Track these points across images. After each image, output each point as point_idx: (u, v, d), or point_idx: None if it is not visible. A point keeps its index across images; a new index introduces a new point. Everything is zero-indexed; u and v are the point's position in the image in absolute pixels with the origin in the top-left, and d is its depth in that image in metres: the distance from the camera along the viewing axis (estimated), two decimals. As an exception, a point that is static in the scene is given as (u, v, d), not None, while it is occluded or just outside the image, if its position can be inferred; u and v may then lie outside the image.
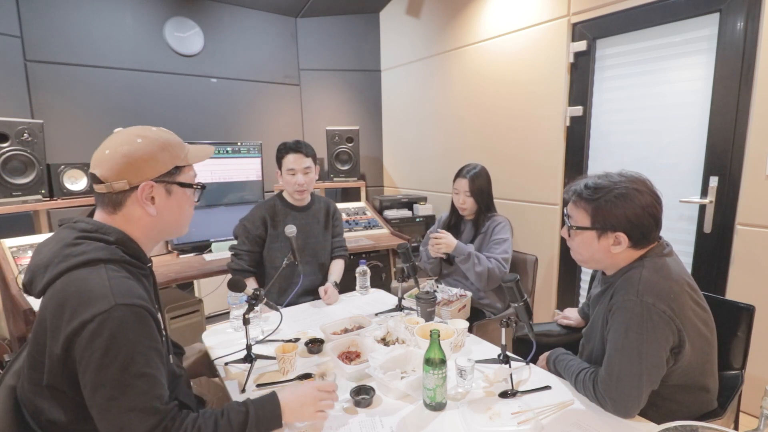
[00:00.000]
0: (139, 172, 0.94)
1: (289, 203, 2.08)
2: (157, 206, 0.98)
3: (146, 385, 0.83)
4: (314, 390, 1.04)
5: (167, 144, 0.99)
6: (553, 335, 1.65)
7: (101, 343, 0.80)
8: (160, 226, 1.01)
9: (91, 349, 0.80)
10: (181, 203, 1.03)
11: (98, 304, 0.81)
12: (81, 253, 0.87)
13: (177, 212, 1.03)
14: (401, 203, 3.44)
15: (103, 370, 0.80)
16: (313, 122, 3.90)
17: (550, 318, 2.72)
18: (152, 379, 0.84)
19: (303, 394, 1.03)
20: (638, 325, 1.04)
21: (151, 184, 0.95)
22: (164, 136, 1.01)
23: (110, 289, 0.83)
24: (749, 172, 1.86)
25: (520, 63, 2.68)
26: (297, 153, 1.99)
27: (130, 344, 0.82)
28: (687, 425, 0.86)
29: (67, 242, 0.89)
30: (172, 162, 0.99)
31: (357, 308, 1.84)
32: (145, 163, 0.95)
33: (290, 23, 3.75)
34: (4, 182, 2.19)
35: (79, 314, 0.81)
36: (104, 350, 0.80)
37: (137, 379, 0.82)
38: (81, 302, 0.82)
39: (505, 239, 2.05)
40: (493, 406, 1.12)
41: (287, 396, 1.01)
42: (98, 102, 2.96)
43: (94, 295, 0.82)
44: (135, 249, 0.97)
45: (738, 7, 1.84)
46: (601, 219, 1.13)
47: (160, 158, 0.97)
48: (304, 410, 1.01)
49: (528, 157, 2.72)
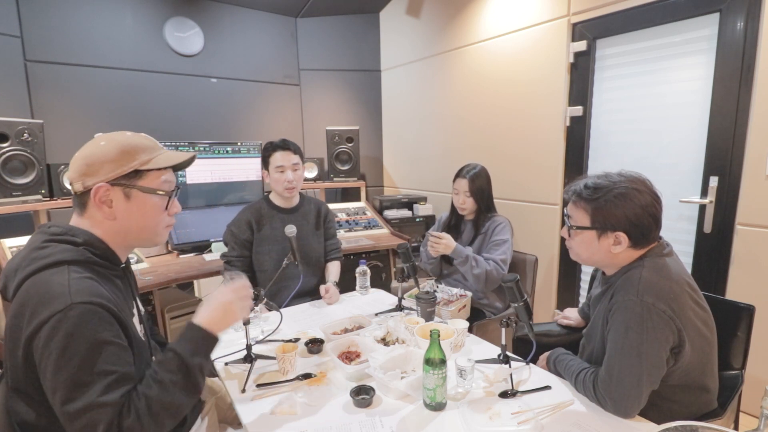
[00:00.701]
0: (94, 175, 0.93)
1: (276, 205, 2.06)
2: (116, 210, 0.96)
3: (105, 381, 0.82)
4: (229, 292, 1.02)
5: (130, 147, 0.96)
6: (553, 335, 1.65)
7: (58, 343, 0.80)
8: (123, 232, 0.99)
9: (48, 350, 0.80)
10: (145, 209, 0.99)
11: (55, 303, 0.81)
12: (46, 256, 0.87)
13: (140, 218, 0.99)
14: (401, 203, 3.44)
15: (61, 370, 0.80)
16: (313, 122, 3.90)
17: (550, 318, 2.72)
18: (111, 376, 0.83)
19: (220, 304, 1.00)
20: (638, 325, 1.04)
21: (106, 186, 0.93)
22: (132, 140, 0.98)
23: (68, 288, 0.83)
24: (749, 172, 1.86)
25: (520, 63, 2.68)
26: (285, 150, 1.97)
27: (86, 342, 0.81)
28: (687, 425, 0.86)
29: (35, 246, 0.90)
30: (130, 165, 0.95)
31: (357, 308, 1.83)
32: (100, 166, 0.93)
33: (290, 23, 3.75)
34: (4, 182, 2.19)
35: (37, 315, 0.81)
36: (61, 350, 0.80)
37: (96, 377, 0.81)
38: (39, 303, 0.82)
39: (504, 240, 2.05)
40: (493, 406, 1.12)
41: (205, 315, 0.98)
42: (98, 102, 2.96)
43: (51, 296, 0.82)
44: (104, 250, 0.96)
45: (738, 7, 1.84)
46: (601, 219, 1.13)
47: (117, 161, 0.94)
48: (229, 315, 1.00)
49: (528, 157, 2.72)
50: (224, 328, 1.00)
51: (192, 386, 0.91)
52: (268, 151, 2.00)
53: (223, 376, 1.31)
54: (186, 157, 1.05)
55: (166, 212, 1.03)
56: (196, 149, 2.85)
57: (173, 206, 1.05)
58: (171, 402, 0.87)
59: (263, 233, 2.00)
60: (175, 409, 0.88)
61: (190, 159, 1.06)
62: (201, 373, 0.93)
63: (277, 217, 2.03)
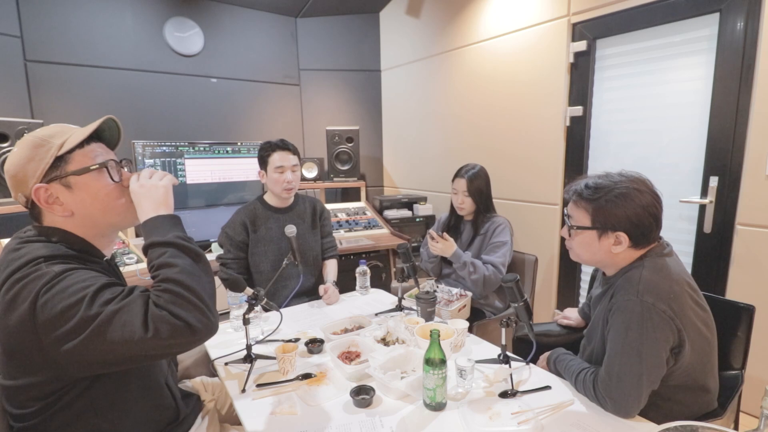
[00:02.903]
0: (24, 182, 0.90)
1: (271, 205, 2.05)
2: (68, 205, 0.92)
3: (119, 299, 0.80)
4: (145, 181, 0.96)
5: (39, 140, 0.91)
6: (553, 335, 1.65)
7: (58, 303, 0.78)
8: (90, 222, 0.95)
9: (51, 320, 0.78)
10: (93, 191, 0.93)
11: (37, 283, 0.80)
12: (22, 256, 0.86)
13: (94, 201, 0.93)
14: (401, 203, 3.44)
15: (77, 316, 0.77)
16: (313, 122, 3.90)
17: (550, 318, 2.72)
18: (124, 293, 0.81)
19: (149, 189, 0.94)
20: (638, 325, 1.04)
21: (43, 187, 0.89)
22: (40, 132, 0.93)
23: (48, 270, 0.82)
24: (749, 172, 1.86)
25: (520, 63, 2.68)
26: (284, 150, 1.96)
27: (86, 288, 0.80)
28: (687, 425, 0.86)
29: (10, 249, 0.89)
30: (49, 154, 0.89)
31: (357, 308, 1.83)
32: (24, 170, 0.90)
33: (290, 23, 3.75)
34: (4, 182, 2.19)
35: (26, 299, 0.80)
36: (68, 306, 0.77)
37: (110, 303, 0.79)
38: (22, 290, 0.81)
39: (504, 242, 2.05)
40: (493, 406, 1.12)
41: (149, 207, 0.93)
42: (98, 102, 2.96)
43: (33, 279, 0.81)
44: (81, 243, 0.94)
45: (738, 7, 1.84)
46: (601, 219, 1.13)
47: (34, 158, 0.89)
48: (166, 196, 0.96)
49: (528, 157, 2.72)
50: (170, 204, 0.96)
51: (191, 252, 0.88)
52: (266, 151, 1.98)
53: (223, 376, 1.31)
54: (100, 121, 0.96)
55: (119, 185, 0.97)
56: (196, 149, 2.85)
57: (124, 177, 0.98)
58: (189, 270, 0.84)
59: (259, 234, 2.00)
60: (197, 276, 0.85)
61: (113, 128, 0.99)
62: (190, 241, 0.90)
63: (272, 218, 2.03)
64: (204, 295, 0.84)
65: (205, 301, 0.83)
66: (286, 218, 2.03)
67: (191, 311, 0.80)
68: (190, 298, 0.81)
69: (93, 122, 0.96)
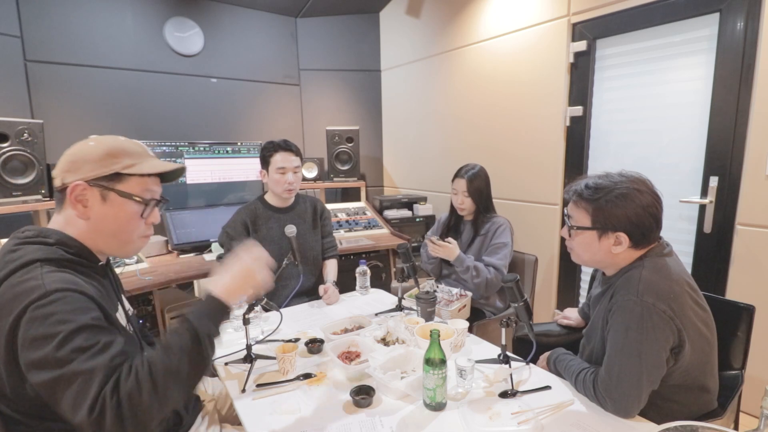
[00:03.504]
0: (75, 172, 0.93)
1: (271, 205, 2.04)
2: (90, 210, 0.94)
3: (89, 353, 0.79)
4: (247, 258, 1.00)
5: (116, 150, 0.95)
6: (553, 335, 1.65)
7: (37, 330, 0.78)
8: (96, 233, 0.96)
9: (29, 340, 0.78)
10: (119, 215, 0.96)
11: (30, 295, 0.80)
12: (18, 258, 0.86)
13: (113, 223, 0.96)
14: (401, 203, 3.44)
15: (41, 351, 0.77)
16: (313, 122, 3.90)
17: (550, 318, 2.72)
18: (95, 347, 0.80)
19: (240, 271, 0.98)
20: (638, 325, 1.04)
21: (83, 185, 0.92)
22: (121, 144, 0.97)
23: (42, 281, 0.82)
24: (749, 172, 1.86)
25: (520, 63, 2.68)
26: (287, 151, 1.96)
27: (64, 324, 0.79)
28: (687, 425, 0.86)
29: (7, 250, 0.89)
30: (112, 167, 0.94)
31: (357, 308, 1.83)
32: (83, 163, 0.93)
33: (290, 23, 3.75)
34: (4, 182, 2.19)
35: (13, 310, 0.79)
36: (41, 337, 0.78)
37: (77, 353, 0.78)
38: (15, 300, 0.80)
39: (505, 243, 2.05)
40: (493, 406, 1.12)
41: (224, 282, 0.96)
42: (98, 102, 2.96)
43: (27, 290, 0.81)
44: (79, 248, 0.94)
45: (738, 7, 1.84)
46: (602, 219, 1.13)
47: (99, 161, 0.93)
48: (246, 285, 0.98)
49: (528, 157, 2.72)
50: (241, 296, 0.97)
51: (198, 354, 0.86)
52: (269, 151, 1.97)
53: (223, 376, 1.31)
54: (173, 167, 1.01)
55: (142, 220, 1.00)
56: (196, 149, 2.85)
57: (152, 216, 1.02)
58: (176, 368, 0.83)
59: (260, 234, 1.99)
60: (179, 378, 0.83)
61: (178, 171, 1.03)
62: (210, 342, 0.89)
63: (273, 218, 2.02)
64: (169, 403, 0.83)
65: (166, 407, 0.82)
66: (286, 218, 2.03)
67: (145, 411, 0.79)
68: (151, 397, 0.79)
69: (169, 163, 1.02)
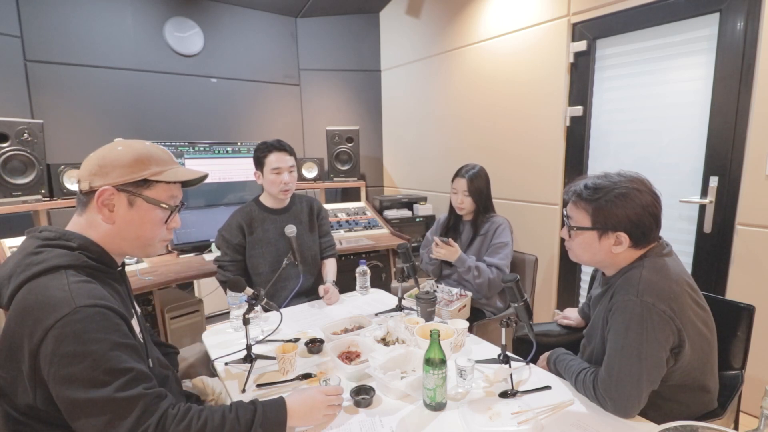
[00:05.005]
0: (103, 176, 0.93)
1: (267, 207, 2.03)
2: (116, 215, 0.95)
3: (123, 379, 0.81)
4: (321, 395, 1.04)
5: (145, 157, 0.96)
6: (553, 335, 1.65)
7: (67, 347, 0.78)
8: (120, 238, 0.97)
9: (57, 356, 0.78)
10: (144, 220, 0.98)
11: (59, 309, 0.80)
12: (41, 261, 0.85)
13: (138, 228, 0.98)
14: (401, 203, 3.44)
15: (73, 373, 0.78)
16: (313, 122, 3.90)
17: (550, 318, 2.72)
18: (128, 374, 0.82)
19: (311, 398, 1.03)
20: (638, 325, 1.04)
21: (111, 190, 0.93)
22: (149, 150, 0.98)
23: (70, 293, 0.82)
24: (749, 172, 1.86)
25: (520, 63, 2.68)
26: (281, 152, 1.94)
27: (97, 343, 0.80)
28: (687, 425, 0.86)
29: (28, 251, 0.88)
30: (141, 174, 0.95)
31: (357, 308, 1.83)
32: (112, 169, 0.93)
33: (290, 23, 3.75)
34: (4, 182, 2.19)
35: (40, 323, 0.79)
36: (71, 354, 0.78)
37: (110, 375, 0.80)
38: (42, 311, 0.80)
39: (505, 243, 2.05)
40: (493, 406, 1.12)
41: (295, 401, 1.01)
42: (98, 102, 2.96)
43: (54, 302, 0.80)
44: (100, 253, 0.95)
45: (738, 7, 1.84)
46: (601, 219, 1.13)
47: (129, 167, 0.94)
48: (311, 415, 1.02)
49: (528, 157, 2.72)
50: (297, 425, 1.01)
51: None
52: (262, 151, 1.96)
53: (223, 376, 1.31)
54: (197, 174, 1.05)
55: (165, 226, 1.02)
56: (196, 149, 2.85)
57: (173, 221, 1.04)
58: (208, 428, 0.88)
59: (256, 236, 1.99)
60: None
61: (201, 178, 1.06)
62: None
63: (269, 219, 2.01)
64: None
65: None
66: (282, 219, 2.02)
67: None
68: None
69: (193, 171, 1.05)
